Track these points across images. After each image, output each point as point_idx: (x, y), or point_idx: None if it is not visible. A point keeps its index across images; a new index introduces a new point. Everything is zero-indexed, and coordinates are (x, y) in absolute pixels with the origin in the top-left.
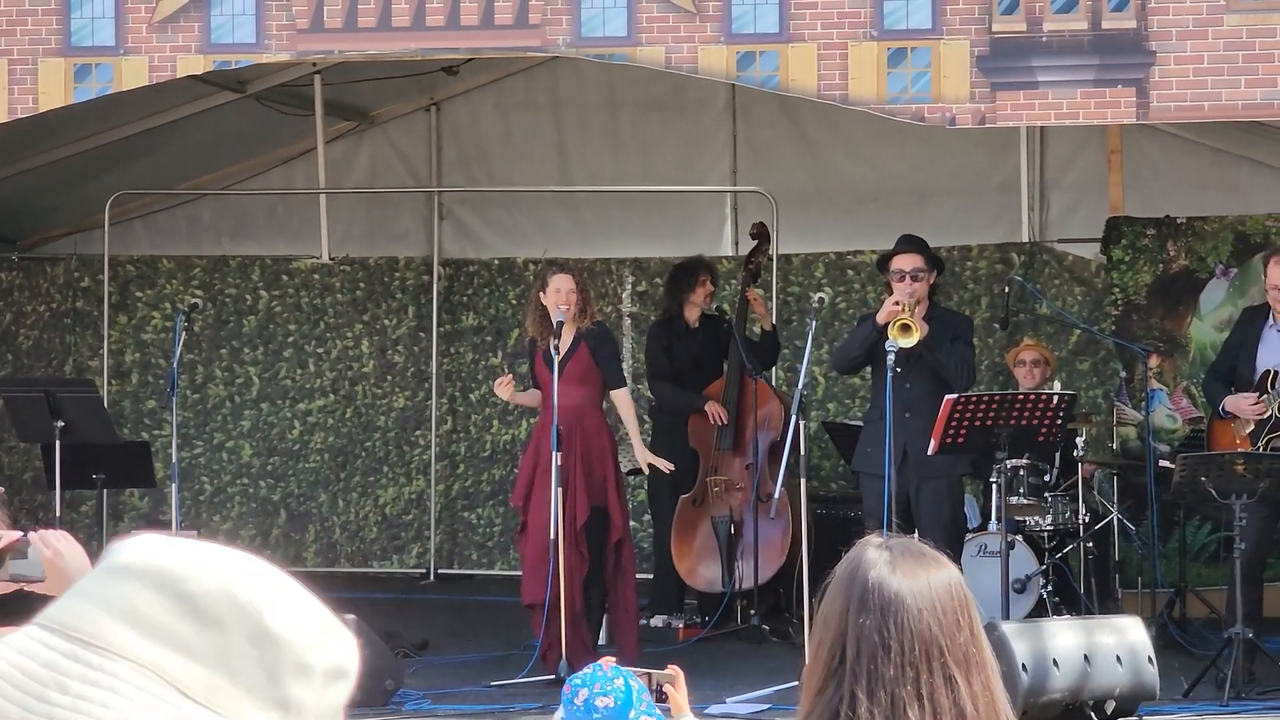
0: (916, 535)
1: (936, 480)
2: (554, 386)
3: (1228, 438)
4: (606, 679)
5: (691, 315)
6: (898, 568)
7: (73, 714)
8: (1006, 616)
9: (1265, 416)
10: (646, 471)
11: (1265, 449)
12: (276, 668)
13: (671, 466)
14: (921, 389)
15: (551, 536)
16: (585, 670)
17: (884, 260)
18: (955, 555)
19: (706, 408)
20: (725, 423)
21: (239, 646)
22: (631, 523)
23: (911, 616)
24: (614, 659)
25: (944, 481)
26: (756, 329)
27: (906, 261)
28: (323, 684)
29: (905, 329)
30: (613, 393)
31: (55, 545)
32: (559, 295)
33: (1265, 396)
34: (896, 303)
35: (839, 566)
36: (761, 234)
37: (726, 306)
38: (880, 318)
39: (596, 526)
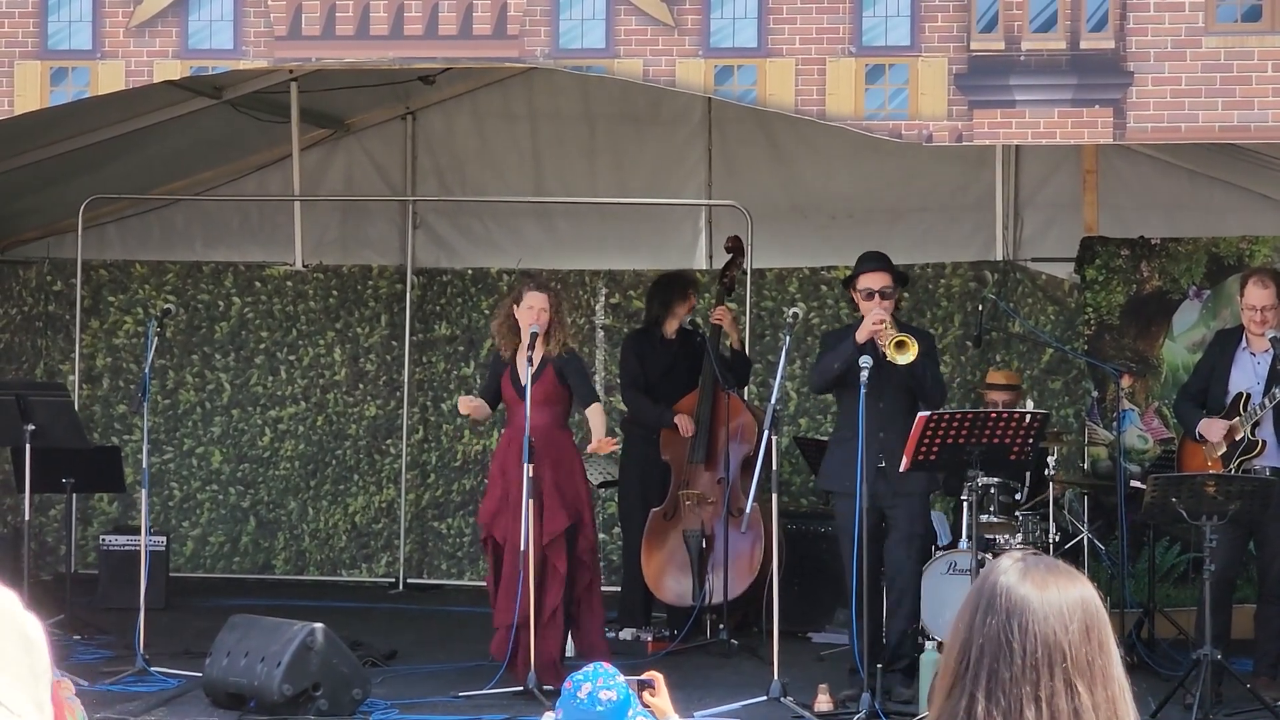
0: (884, 550)
1: (910, 498)
2: (525, 404)
3: (1198, 459)
4: (609, 675)
5: (670, 327)
6: (1029, 577)
7: None
8: None
9: (1238, 439)
10: (603, 452)
11: (1237, 471)
12: (37, 671)
13: (616, 444)
14: (893, 406)
15: (522, 549)
16: (586, 669)
17: (850, 279)
18: (920, 570)
19: (676, 420)
20: (693, 433)
21: (12, 651)
22: (601, 535)
23: (1037, 620)
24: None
25: (917, 499)
26: (726, 345)
27: (875, 280)
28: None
29: (901, 346)
30: (587, 409)
31: None
32: (531, 312)
33: (1238, 419)
34: (878, 321)
35: (975, 581)
36: (736, 247)
37: (700, 320)
38: (860, 336)
39: (566, 540)
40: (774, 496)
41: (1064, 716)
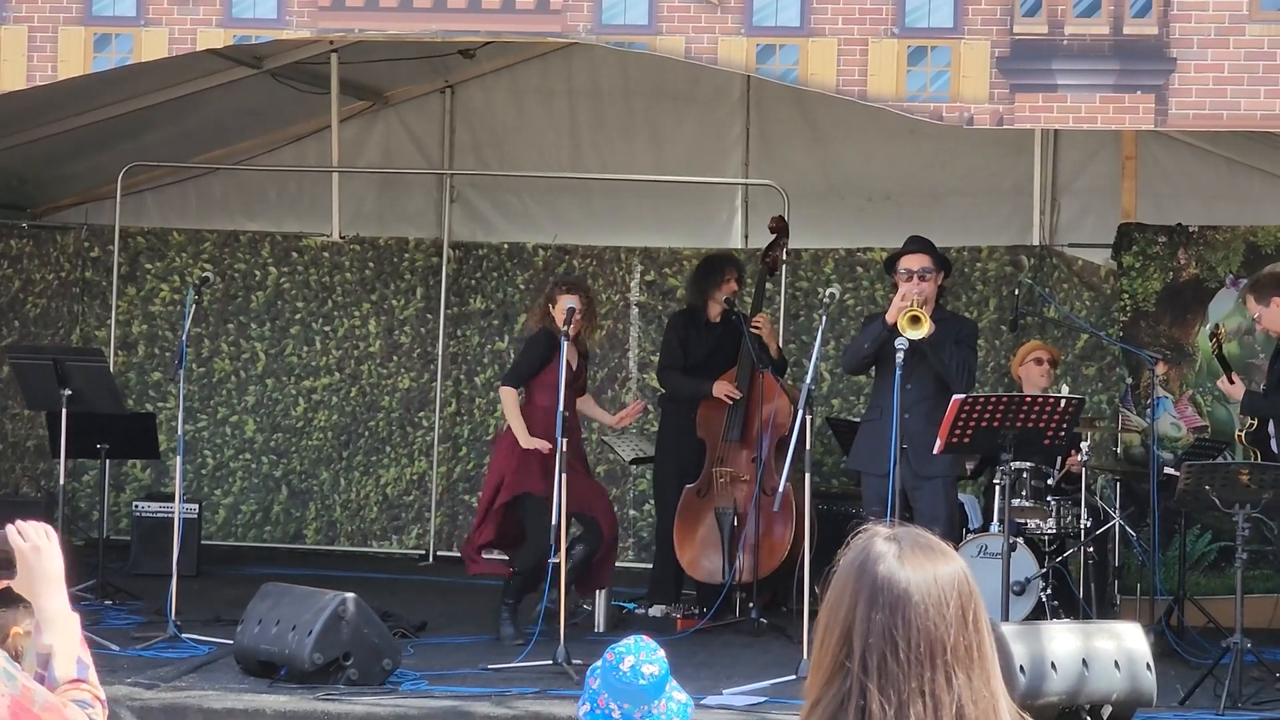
0: None
1: (933, 480)
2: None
3: None
4: (651, 649)
5: (713, 311)
6: (906, 560)
7: None
8: (1006, 618)
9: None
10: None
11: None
12: None
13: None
14: (921, 390)
15: (554, 521)
16: (626, 641)
17: (892, 260)
18: None
19: (716, 388)
20: (739, 397)
21: None
22: (632, 511)
23: (918, 612)
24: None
25: (940, 481)
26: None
27: (915, 261)
28: None
29: (915, 321)
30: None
31: (33, 539)
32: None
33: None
34: (904, 298)
35: (846, 554)
36: (780, 228)
37: (737, 301)
38: (889, 316)
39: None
40: (807, 476)
41: (947, 708)
